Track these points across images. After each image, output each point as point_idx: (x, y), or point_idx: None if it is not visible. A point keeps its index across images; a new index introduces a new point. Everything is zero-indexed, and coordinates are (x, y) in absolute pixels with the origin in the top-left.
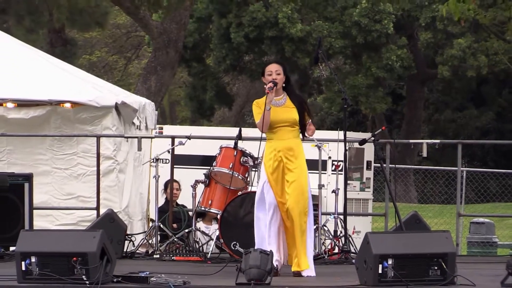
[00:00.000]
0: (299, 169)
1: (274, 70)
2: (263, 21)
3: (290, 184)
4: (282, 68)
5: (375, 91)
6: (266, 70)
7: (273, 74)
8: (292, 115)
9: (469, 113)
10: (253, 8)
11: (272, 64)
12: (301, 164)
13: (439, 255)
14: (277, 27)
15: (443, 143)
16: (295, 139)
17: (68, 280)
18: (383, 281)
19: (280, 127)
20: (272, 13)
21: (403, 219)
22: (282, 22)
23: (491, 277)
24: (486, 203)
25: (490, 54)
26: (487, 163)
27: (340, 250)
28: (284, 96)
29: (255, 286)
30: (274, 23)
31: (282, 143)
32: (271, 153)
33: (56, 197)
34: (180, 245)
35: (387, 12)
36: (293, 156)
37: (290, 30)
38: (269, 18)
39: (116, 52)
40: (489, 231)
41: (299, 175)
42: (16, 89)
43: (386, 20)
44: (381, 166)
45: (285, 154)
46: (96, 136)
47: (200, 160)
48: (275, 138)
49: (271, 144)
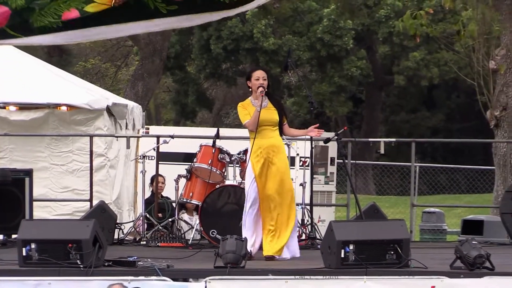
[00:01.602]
0: (282, 163)
1: (261, 76)
2: (240, 35)
3: (274, 177)
4: (267, 75)
5: (338, 96)
6: (254, 75)
7: (260, 80)
8: (274, 116)
9: (421, 115)
10: (231, 23)
11: (259, 71)
12: (284, 159)
13: (395, 241)
14: (252, 40)
15: (398, 142)
16: (278, 138)
17: (64, 264)
18: (345, 264)
19: (265, 127)
20: (248, 28)
21: (363, 209)
22: (257, 36)
23: (441, 260)
24: (437, 194)
25: (441, 65)
26: (437, 159)
27: (307, 237)
28: (265, 99)
29: (231, 269)
30: (250, 36)
31: (267, 142)
32: (257, 151)
33: (54, 190)
34: (164, 232)
35: (347, 29)
36: (277, 153)
37: (264, 43)
38: (246, 32)
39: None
40: (439, 220)
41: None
42: (17, 93)
43: (346, 37)
44: (343, 162)
45: (269, 151)
46: (89, 136)
47: (182, 157)
48: (260, 137)
49: (257, 142)
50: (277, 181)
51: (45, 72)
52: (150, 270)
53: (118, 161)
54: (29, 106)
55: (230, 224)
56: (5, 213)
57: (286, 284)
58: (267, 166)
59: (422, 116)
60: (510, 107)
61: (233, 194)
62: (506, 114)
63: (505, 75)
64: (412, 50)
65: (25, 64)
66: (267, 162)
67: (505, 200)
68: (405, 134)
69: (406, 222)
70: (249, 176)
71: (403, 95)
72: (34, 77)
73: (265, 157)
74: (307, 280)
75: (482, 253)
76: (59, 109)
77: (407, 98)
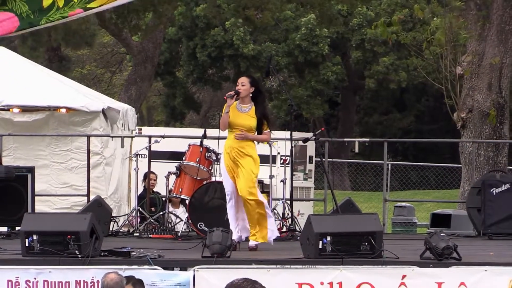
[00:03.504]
0: (250, 162)
1: (240, 82)
2: (222, 42)
3: (239, 174)
4: (249, 80)
5: (314, 100)
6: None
7: (239, 85)
8: (249, 122)
9: (393, 116)
10: (214, 32)
11: (241, 77)
12: (250, 160)
13: (369, 233)
14: (233, 47)
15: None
16: (247, 140)
17: (63, 254)
18: (323, 255)
19: (236, 129)
20: (229, 36)
21: (339, 203)
22: (237, 43)
23: (412, 251)
24: (407, 190)
25: (410, 70)
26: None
27: (288, 229)
28: (250, 106)
29: (217, 259)
30: (231, 44)
31: (236, 143)
32: (227, 149)
33: (54, 186)
34: (156, 225)
35: (323, 36)
36: (244, 154)
37: (244, 49)
38: (227, 40)
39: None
40: (410, 214)
41: (249, 166)
42: (20, 97)
43: (321, 43)
44: (321, 160)
45: (237, 151)
46: (87, 136)
47: (172, 155)
48: (231, 138)
49: (228, 142)
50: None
51: (45, 77)
52: (142, 259)
53: (115, 159)
54: (31, 109)
55: (216, 217)
56: (9, 207)
57: (268, 272)
58: (236, 165)
59: (394, 118)
60: (476, 109)
61: (219, 190)
62: (471, 116)
63: (471, 79)
64: (382, 55)
65: (27, 70)
66: (236, 161)
67: (471, 196)
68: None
69: (379, 216)
70: (222, 171)
71: (376, 98)
72: (35, 82)
73: (233, 156)
74: (287, 269)
75: (450, 245)
76: (58, 111)
77: (379, 101)
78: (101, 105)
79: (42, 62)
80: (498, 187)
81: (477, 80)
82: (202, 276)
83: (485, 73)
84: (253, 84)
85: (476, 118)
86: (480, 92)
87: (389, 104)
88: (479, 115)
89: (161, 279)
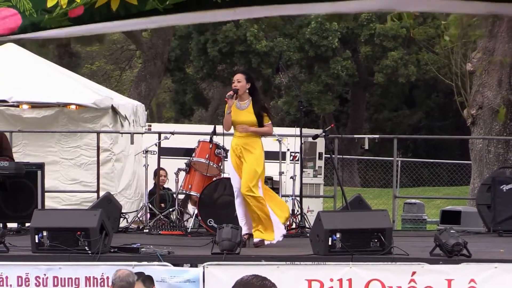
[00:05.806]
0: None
1: (236, 79)
2: (234, 39)
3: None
4: (245, 77)
5: (325, 95)
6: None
7: (235, 82)
8: (250, 119)
9: (403, 113)
10: (226, 28)
11: (236, 74)
12: (253, 157)
13: (379, 230)
14: (246, 43)
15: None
16: (252, 137)
17: (73, 251)
18: (332, 251)
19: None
20: (242, 32)
21: (349, 200)
22: (250, 39)
23: (422, 248)
24: (417, 187)
25: (421, 65)
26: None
27: (297, 226)
28: (248, 102)
29: (227, 255)
30: (243, 40)
31: (241, 139)
32: (233, 146)
33: (63, 182)
34: (165, 221)
35: (332, 30)
36: (249, 150)
37: (256, 46)
38: (239, 36)
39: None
40: (419, 210)
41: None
42: (30, 93)
43: (331, 37)
44: (331, 156)
45: (242, 148)
46: (96, 132)
47: (182, 151)
48: (236, 136)
49: (233, 139)
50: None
51: (55, 74)
52: (152, 256)
53: (127, 155)
54: (41, 105)
55: (226, 213)
56: (19, 203)
57: (278, 269)
58: (241, 162)
59: (404, 114)
60: (486, 106)
61: (229, 186)
62: (481, 112)
63: (481, 76)
64: (391, 50)
65: (37, 66)
66: (241, 158)
67: (480, 192)
68: (388, 131)
69: (389, 213)
70: (230, 169)
71: (386, 94)
72: (45, 78)
73: (239, 154)
74: (297, 266)
75: (459, 241)
76: (68, 107)
77: (389, 97)
78: (110, 101)
79: (52, 58)
80: (508, 183)
81: (487, 77)
82: (212, 272)
83: (495, 70)
84: (249, 80)
85: (486, 114)
86: (490, 88)
87: (399, 101)
88: (489, 112)
89: (170, 276)
